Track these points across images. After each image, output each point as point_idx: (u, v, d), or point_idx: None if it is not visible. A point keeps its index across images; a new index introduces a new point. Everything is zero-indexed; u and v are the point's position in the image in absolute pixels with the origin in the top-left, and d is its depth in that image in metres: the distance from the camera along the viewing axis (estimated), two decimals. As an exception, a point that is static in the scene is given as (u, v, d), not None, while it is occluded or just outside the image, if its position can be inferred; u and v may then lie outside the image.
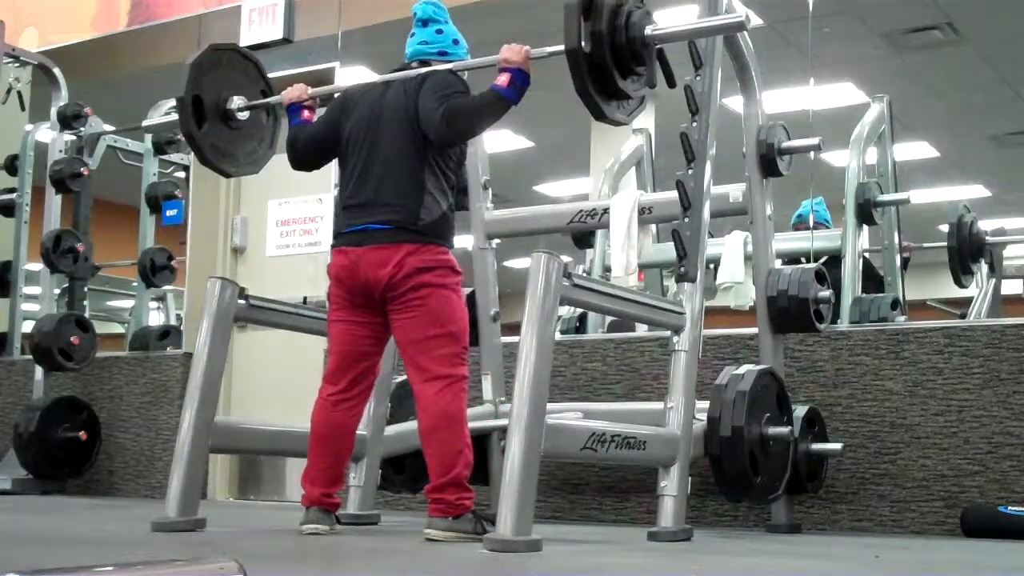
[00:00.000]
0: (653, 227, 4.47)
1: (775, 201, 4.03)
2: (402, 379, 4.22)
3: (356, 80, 5.83)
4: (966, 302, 5.47)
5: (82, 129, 6.21)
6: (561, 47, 2.86)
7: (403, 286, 3.20)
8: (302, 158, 3.50)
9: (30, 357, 5.88)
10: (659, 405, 3.43)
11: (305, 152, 3.49)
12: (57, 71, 6.39)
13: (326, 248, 3.58)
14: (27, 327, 6.28)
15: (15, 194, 6.38)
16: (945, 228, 5.22)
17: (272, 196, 5.68)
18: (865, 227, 4.82)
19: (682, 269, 3.48)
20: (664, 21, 3.05)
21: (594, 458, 3.17)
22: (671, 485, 3.27)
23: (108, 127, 6.46)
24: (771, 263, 3.99)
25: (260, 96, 3.67)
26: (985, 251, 5.16)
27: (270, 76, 3.79)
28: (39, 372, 5.79)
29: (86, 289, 6.21)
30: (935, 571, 2.82)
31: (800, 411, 3.79)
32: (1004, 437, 3.85)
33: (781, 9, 5.38)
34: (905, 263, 5.11)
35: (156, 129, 6.16)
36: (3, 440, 5.92)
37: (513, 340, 3.25)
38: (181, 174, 6.54)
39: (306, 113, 3.50)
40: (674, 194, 3.58)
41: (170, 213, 6.24)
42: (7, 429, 5.84)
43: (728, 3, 3.77)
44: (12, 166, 6.45)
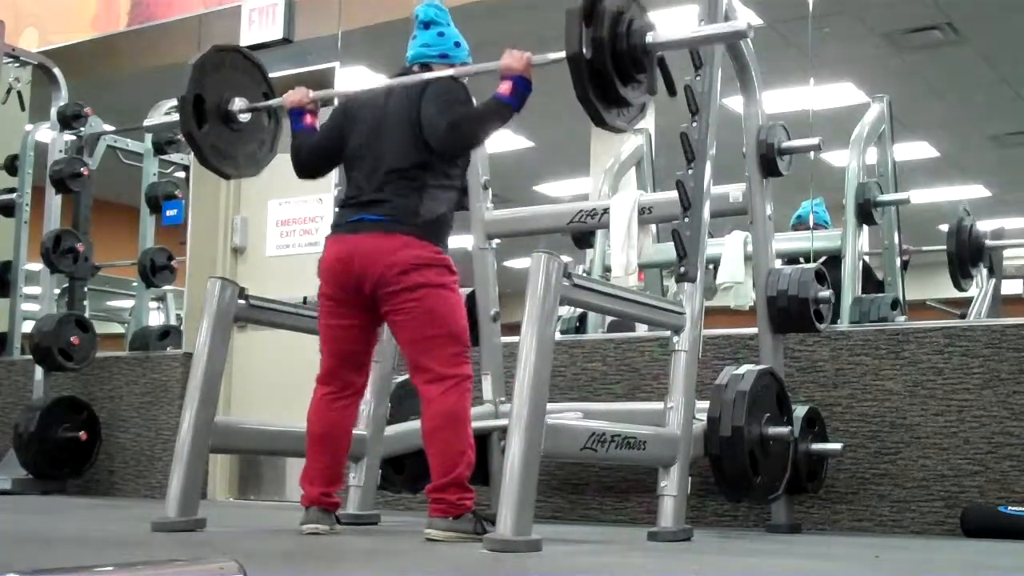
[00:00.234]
0: (653, 227, 4.47)
1: (775, 201, 4.03)
2: (402, 379, 4.22)
3: (356, 80, 5.87)
4: (966, 302, 5.47)
5: (82, 129, 6.21)
6: (562, 54, 2.85)
7: (398, 283, 3.18)
8: (307, 167, 3.50)
9: (30, 357, 5.88)
10: (659, 405, 3.43)
11: (309, 161, 3.48)
12: (57, 71, 6.39)
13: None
14: (27, 327, 6.28)
15: (15, 194, 6.38)
16: (945, 228, 5.22)
17: (272, 196, 5.69)
18: (865, 229, 4.82)
19: (682, 269, 3.48)
20: (663, 21, 3.05)
21: (594, 458, 3.17)
22: (671, 485, 3.27)
23: (108, 127, 6.46)
24: (771, 263, 3.99)
25: (262, 98, 3.66)
26: (984, 254, 5.14)
27: (270, 76, 3.79)
28: (39, 372, 5.79)
29: (86, 289, 6.21)
30: (935, 571, 2.82)
31: (800, 411, 3.79)
32: (1004, 437, 3.85)
33: (781, 9, 5.39)
34: (904, 265, 5.11)
35: (157, 129, 6.16)
36: (3, 440, 5.92)
37: (513, 340, 3.25)
38: (181, 174, 6.54)
39: (308, 118, 3.50)
40: (674, 194, 3.58)
41: (170, 213, 6.24)
42: (7, 429, 5.84)
43: (728, 3, 3.77)
44: (12, 166, 6.45)
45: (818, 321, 3.89)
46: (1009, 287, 5.66)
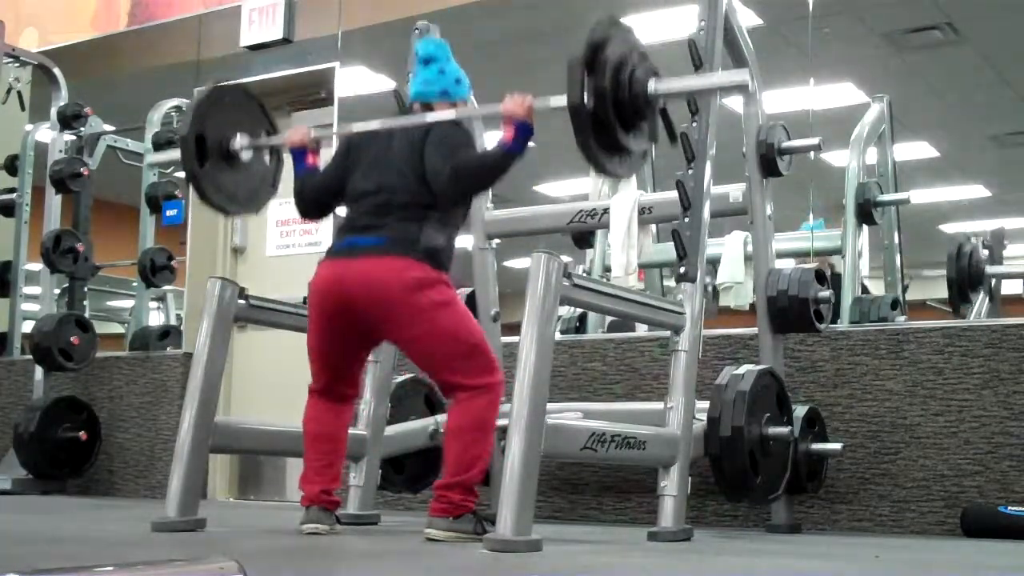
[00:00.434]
0: (653, 227, 4.47)
1: (775, 201, 4.03)
2: (402, 379, 4.23)
3: (356, 79, 5.87)
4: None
5: (82, 129, 6.22)
6: (564, 99, 2.83)
7: (403, 307, 3.14)
8: (311, 209, 3.50)
9: (30, 357, 5.88)
10: (659, 405, 3.43)
11: (313, 203, 3.47)
12: (57, 71, 6.39)
13: (325, 248, 3.58)
14: (27, 327, 6.28)
15: (15, 194, 6.38)
16: (945, 228, 5.23)
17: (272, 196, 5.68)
18: (865, 246, 4.79)
19: (682, 269, 3.48)
20: (662, 21, 3.05)
21: (594, 458, 3.17)
22: (671, 485, 3.27)
23: (108, 127, 6.46)
24: (771, 263, 3.99)
25: (263, 135, 3.65)
26: (984, 281, 5.11)
27: (270, 76, 3.79)
28: (39, 372, 5.79)
29: (86, 289, 6.21)
30: (935, 571, 2.82)
31: (800, 411, 3.79)
32: (1004, 437, 3.85)
33: (781, 9, 5.38)
34: (904, 289, 5.09)
35: (158, 164, 6.14)
36: (3, 440, 5.93)
37: (513, 340, 3.25)
38: (181, 174, 6.54)
39: (310, 157, 3.49)
40: (674, 194, 3.58)
41: (170, 213, 6.24)
42: (7, 429, 5.84)
43: (729, 3, 3.78)
44: (12, 166, 6.46)
45: (818, 321, 3.90)
46: (1009, 287, 5.66)
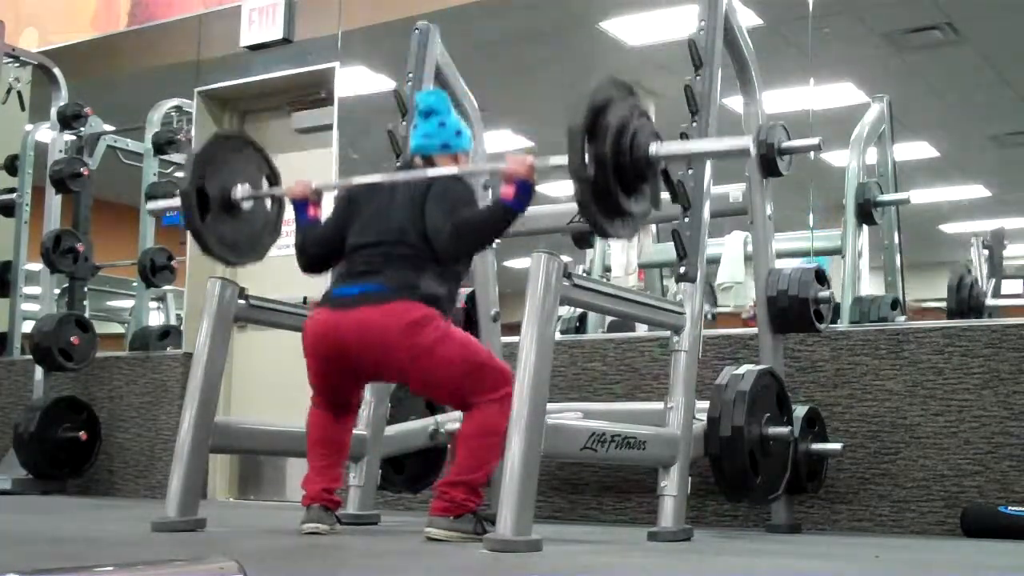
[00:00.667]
0: (653, 227, 4.47)
1: (775, 201, 4.03)
2: (402, 379, 4.22)
3: (356, 79, 5.87)
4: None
5: (82, 129, 6.22)
6: (564, 159, 2.82)
7: (401, 353, 3.15)
8: (313, 263, 3.50)
9: (30, 357, 5.88)
10: (659, 405, 3.43)
11: (315, 258, 3.48)
12: (57, 71, 6.39)
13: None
14: (27, 327, 6.29)
15: (15, 194, 6.39)
16: (945, 228, 5.22)
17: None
18: (865, 246, 4.78)
19: (682, 269, 3.48)
20: (661, 21, 3.04)
21: (594, 458, 3.17)
22: (671, 485, 3.27)
23: (108, 127, 6.47)
24: (771, 263, 3.99)
25: (264, 181, 3.65)
26: (984, 313, 5.10)
27: (270, 76, 3.79)
28: (39, 372, 5.79)
29: (86, 289, 6.21)
30: (935, 571, 2.82)
31: (800, 411, 3.79)
32: (1004, 437, 3.85)
33: (781, 9, 5.38)
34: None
35: (158, 211, 6.11)
36: (3, 440, 5.93)
37: (513, 340, 3.25)
38: (181, 174, 6.54)
39: (312, 209, 3.50)
40: (674, 195, 3.58)
41: (170, 213, 6.23)
42: (7, 429, 5.84)
43: (729, 3, 3.78)
44: (12, 166, 6.46)
45: (818, 321, 3.90)
46: (1009, 287, 5.66)
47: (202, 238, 3.50)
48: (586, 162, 2.78)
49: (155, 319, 6.90)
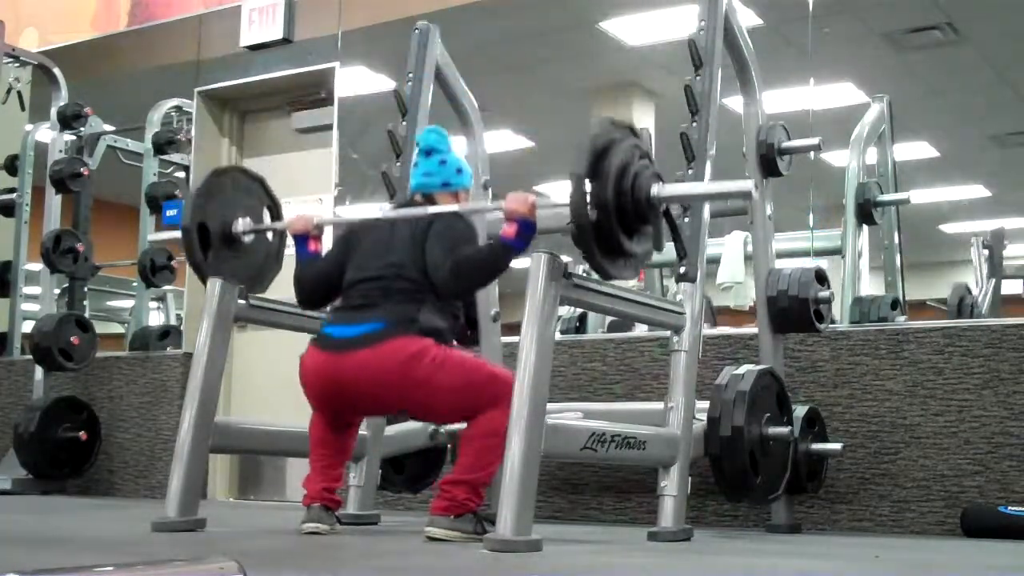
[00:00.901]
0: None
1: (775, 201, 4.03)
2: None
3: (356, 79, 5.87)
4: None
5: (82, 129, 6.22)
6: (566, 199, 2.82)
7: (402, 389, 3.15)
8: (312, 297, 3.50)
9: (30, 357, 5.88)
10: (659, 405, 3.43)
11: (313, 291, 3.48)
12: (57, 71, 6.39)
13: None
14: (27, 327, 6.29)
15: (15, 194, 6.39)
16: (945, 228, 5.22)
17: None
18: (865, 246, 4.78)
19: (682, 269, 3.48)
20: (661, 21, 3.04)
21: (594, 458, 3.17)
22: (671, 485, 3.27)
23: (108, 127, 6.46)
24: (771, 263, 3.99)
25: (264, 213, 3.66)
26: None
27: (270, 76, 3.79)
28: (39, 372, 5.79)
29: (86, 289, 6.21)
30: (935, 571, 2.82)
31: (800, 411, 3.79)
32: (1004, 437, 3.85)
33: (781, 9, 5.38)
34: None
35: (158, 246, 6.13)
36: (3, 440, 5.93)
37: (513, 340, 3.25)
38: (181, 174, 6.54)
39: (312, 244, 3.51)
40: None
41: (170, 213, 6.23)
42: (7, 429, 5.84)
43: (729, 3, 3.78)
44: (12, 166, 6.46)
45: (818, 321, 3.89)
46: (1009, 287, 5.66)
47: (204, 274, 3.53)
48: (588, 205, 2.79)
49: (155, 319, 6.90)
